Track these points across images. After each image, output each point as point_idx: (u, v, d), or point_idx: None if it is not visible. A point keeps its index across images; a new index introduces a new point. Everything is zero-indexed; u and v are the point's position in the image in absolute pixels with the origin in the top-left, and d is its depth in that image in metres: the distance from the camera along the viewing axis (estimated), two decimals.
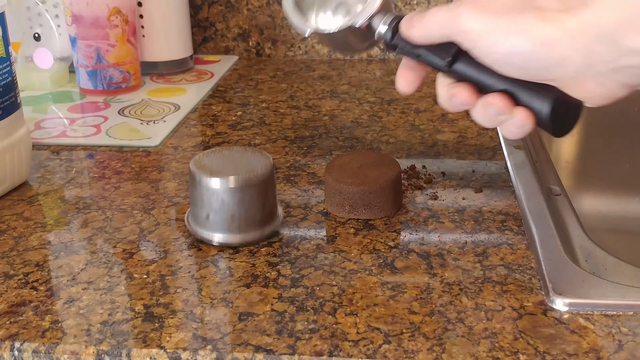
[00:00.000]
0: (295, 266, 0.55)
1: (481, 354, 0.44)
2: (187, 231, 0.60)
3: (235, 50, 1.17)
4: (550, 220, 0.59)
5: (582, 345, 0.45)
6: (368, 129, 0.83)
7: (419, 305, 0.49)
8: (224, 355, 0.45)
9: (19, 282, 0.53)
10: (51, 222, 0.63)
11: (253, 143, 0.79)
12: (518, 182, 0.66)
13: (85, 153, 0.78)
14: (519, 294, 0.50)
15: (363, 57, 1.14)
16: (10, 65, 0.66)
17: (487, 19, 0.47)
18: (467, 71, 0.50)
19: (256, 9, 1.13)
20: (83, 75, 0.95)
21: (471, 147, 0.77)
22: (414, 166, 0.71)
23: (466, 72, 0.50)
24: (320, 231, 0.60)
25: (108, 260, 0.56)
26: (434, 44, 0.51)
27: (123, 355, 0.46)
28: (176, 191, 0.68)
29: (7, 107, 0.66)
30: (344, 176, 0.62)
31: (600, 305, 0.48)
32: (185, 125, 0.85)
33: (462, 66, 0.50)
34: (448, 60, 0.50)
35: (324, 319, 0.48)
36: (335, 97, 0.95)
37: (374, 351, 0.45)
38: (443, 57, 0.51)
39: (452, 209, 0.63)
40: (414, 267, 0.54)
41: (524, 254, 0.56)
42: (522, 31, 0.45)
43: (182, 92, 0.97)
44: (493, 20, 0.46)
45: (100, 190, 0.68)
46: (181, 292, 0.52)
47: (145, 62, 1.03)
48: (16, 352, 0.46)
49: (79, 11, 0.92)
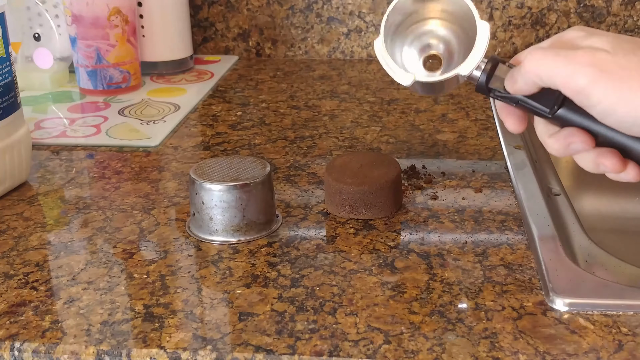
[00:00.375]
0: (295, 266, 0.55)
1: (481, 354, 0.44)
2: (187, 231, 0.60)
3: (235, 50, 1.17)
4: (550, 220, 0.59)
5: (582, 345, 0.45)
6: (368, 129, 0.83)
7: (419, 305, 0.49)
8: (224, 355, 0.45)
9: (19, 282, 0.53)
10: (51, 222, 0.63)
11: (253, 143, 0.79)
12: (518, 182, 0.66)
13: (85, 153, 0.78)
14: (519, 294, 0.50)
15: (363, 57, 1.14)
16: (10, 65, 0.66)
17: (608, 84, 0.44)
18: (574, 118, 0.48)
19: (256, 9, 1.13)
20: (83, 75, 0.95)
21: (471, 147, 0.77)
22: (414, 166, 0.70)
23: (573, 119, 0.48)
24: (320, 231, 0.60)
25: (108, 260, 0.56)
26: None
27: (123, 355, 0.46)
28: (176, 191, 0.68)
29: (7, 107, 0.66)
30: (344, 176, 0.62)
31: (600, 305, 0.48)
32: (185, 125, 0.85)
33: (568, 113, 0.48)
34: (554, 107, 0.48)
35: (324, 319, 0.48)
36: (335, 97, 0.95)
37: (374, 351, 0.45)
38: (546, 104, 0.48)
39: (452, 209, 0.63)
40: (414, 267, 0.54)
41: (524, 254, 0.56)
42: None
43: (182, 92, 0.97)
44: (615, 86, 0.44)
45: (100, 190, 0.68)
46: (181, 292, 0.52)
47: (145, 62, 1.03)
48: (16, 352, 0.46)
49: (79, 11, 0.92)
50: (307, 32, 1.14)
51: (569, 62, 0.45)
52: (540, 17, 1.08)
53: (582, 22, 1.08)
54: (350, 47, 1.13)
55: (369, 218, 0.61)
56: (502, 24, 1.09)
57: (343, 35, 1.13)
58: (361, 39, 1.13)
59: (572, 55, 0.45)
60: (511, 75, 0.50)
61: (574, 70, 0.45)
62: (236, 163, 0.61)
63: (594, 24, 1.08)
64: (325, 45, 1.14)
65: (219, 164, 0.60)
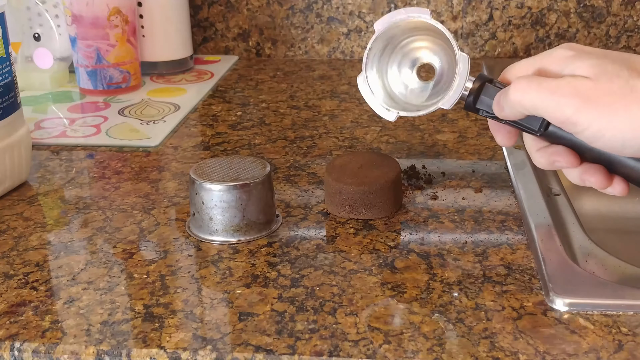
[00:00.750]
0: (295, 266, 0.55)
1: (481, 354, 0.44)
2: (187, 231, 0.60)
3: (235, 50, 1.17)
4: (550, 220, 0.59)
5: (582, 345, 0.45)
6: (368, 129, 0.83)
7: (419, 305, 0.49)
8: (224, 355, 0.45)
9: (19, 282, 0.53)
10: (51, 222, 0.63)
11: (253, 143, 0.79)
12: (518, 182, 0.66)
13: (85, 153, 0.78)
14: (519, 294, 0.50)
15: (363, 57, 1.14)
16: (10, 65, 0.66)
17: (593, 111, 0.45)
18: (562, 135, 0.49)
19: (256, 9, 1.13)
20: (83, 75, 0.95)
21: (471, 147, 0.77)
22: (414, 166, 0.70)
23: (561, 136, 0.49)
24: (320, 231, 0.60)
25: (108, 260, 0.56)
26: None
27: (123, 355, 0.46)
28: (176, 191, 0.68)
29: (7, 107, 0.66)
30: (344, 176, 0.62)
31: (600, 305, 0.48)
32: (185, 125, 0.85)
33: (556, 131, 0.49)
34: (541, 127, 0.49)
35: (324, 319, 0.48)
36: (335, 97, 0.95)
37: (374, 351, 0.45)
38: (534, 125, 0.50)
39: (452, 209, 0.63)
40: (414, 267, 0.54)
41: (524, 254, 0.56)
42: (636, 122, 0.44)
43: (182, 92, 0.97)
44: (600, 112, 0.45)
45: (100, 190, 0.68)
46: (181, 292, 0.52)
47: (145, 62, 1.03)
48: (16, 352, 0.46)
49: (79, 11, 0.92)
50: (307, 32, 1.14)
51: (552, 93, 0.46)
52: (540, 17, 1.08)
53: (582, 22, 1.08)
54: (350, 47, 1.14)
55: (369, 218, 0.61)
56: (502, 24, 1.09)
57: (343, 35, 1.13)
58: (361, 39, 1.13)
59: (555, 86, 0.46)
60: (497, 101, 0.51)
61: (558, 102, 0.46)
62: (236, 163, 0.61)
63: (594, 24, 1.08)
64: (325, 45, 1.14)
65: (219, 164, 0.60)
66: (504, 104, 0.50)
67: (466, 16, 1.09)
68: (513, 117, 0.50)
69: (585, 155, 0.50)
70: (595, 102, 0.45)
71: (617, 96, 0.45)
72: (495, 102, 0.51)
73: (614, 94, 0.45)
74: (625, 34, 1.08)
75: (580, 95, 0.45)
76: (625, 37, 1.08)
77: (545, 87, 0.46)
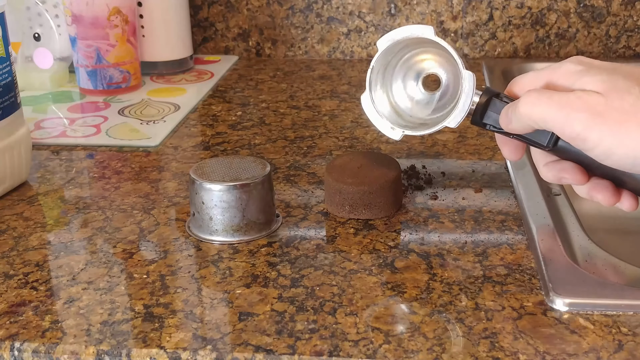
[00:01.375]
0: (295, 266, 0.55)
1: (481, 354, 0.44)
2: (187, 231, 0.60)
3: (235, 50, 1.17)
4: (550, 220, 0.59)
5: (582, 345, 0.45)
6: (368, 129, 0.83)
7: (419, 305, 0.49)
8: (224, 355, 0.45)
9: (19, 282, 0.53)
10: (51, 222, 0.63)
11: (253, 143, 0.79)
12: (518, 182, 0.66)
13: (85, 153, 0.78)
14: (519, 294, 0.50)
15: (363, 57, 1.14)
16: (10, 65, 0.66)
17: (603, 128, 0.44)
18: (571, 150, 0.49)
19: (256, 9, 1.13)
20: (83, 75, 0.95)
21: (471, 147, 0.77)
22: (414, 166, 0.70)
23: (570, 150, 0.49)
24: (320, 231, 0.60)
25: (108, 260, 0.56)
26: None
27: (123, 355, 0.46)
28: (176, 191, 0.68)
29: (7, 107, 0.66)
30: (344, 176, 0.62)
31: (600, 305, 0.48)
32: (185, 125, 0.85)
33: (565, 146, 0.49)
34: (550, 142, 0.49)
35: (324, 319, 0.48)
36: (335, 97, 0.95)
37: (374, 351, 0.45)
38: (542, 140, 0.49)
39: (452, 209, 0.63)
40: (414, 267, 0.54)
41: (524, 254, 0.56)
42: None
43: (182, 92, 0.97)
44: (611, 130, 0.44)
45: (100, 190, 0.68)
46: (181, 292, 0.52)
47: (145, 62, 1.03)
48: (16, 352, 0.46)
49: (79, 11, 0.92)
50: (307, 32, 1.14)
51: (562, 107, 0.46)
52: (540, 17, 1.08)
53: (582, 22, 1.08)
54: (350, 47, 1.14)
55: (369, 218, 0.61)
56: (502, 24, 1.09)
57: (343, 35, 1.13)
58: (361, 39, 1.13)
59: (565, 100, 0.46)
60: (505, 114, 0.50)
61: (568, 117, 0.45)
62: (236, 163, 0.61)
63: (594, 24, 1.08)
64: (325, 45, 1.14)
65: (219, 164, 0.60)
66: (512, 116, 0.49)
67: (466, 16, 1.09)
68: (521, 131, 0.50)
69: (594, 171, 0.49)
70: (606, 119, 0.44)
71: (629, 114, 0.44)
72: (502, 114, 0.50)
73: (626, 111, 0.44)
74: (625, 34, 1.08)
75: (590, 110, 0.45)
76: (625, 37, 1.08)
77: (555, 101, 0.46)
